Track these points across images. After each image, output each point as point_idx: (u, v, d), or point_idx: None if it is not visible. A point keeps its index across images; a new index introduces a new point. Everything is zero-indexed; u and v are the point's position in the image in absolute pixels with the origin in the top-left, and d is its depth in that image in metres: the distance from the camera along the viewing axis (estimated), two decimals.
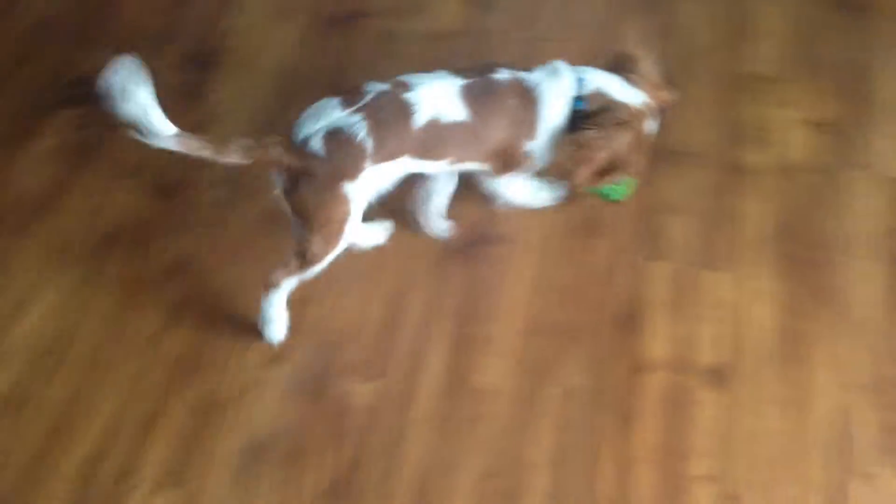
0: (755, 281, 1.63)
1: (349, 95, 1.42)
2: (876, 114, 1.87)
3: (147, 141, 1.32)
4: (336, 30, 2.07)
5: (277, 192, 1.44)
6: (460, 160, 1.52)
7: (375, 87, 1.43)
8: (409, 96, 1.43)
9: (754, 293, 1.62)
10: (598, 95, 1.48)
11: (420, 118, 1.43)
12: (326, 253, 1.47)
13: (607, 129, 1.45)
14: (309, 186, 1.40)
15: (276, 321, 1.55)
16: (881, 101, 1.89)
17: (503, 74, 1.49)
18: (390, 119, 1.42)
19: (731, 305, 1.60)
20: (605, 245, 1.69)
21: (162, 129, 1.31)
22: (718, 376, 1.52)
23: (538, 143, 1.51)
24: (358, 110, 1.40)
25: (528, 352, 1.56)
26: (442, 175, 1.60)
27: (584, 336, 1.58)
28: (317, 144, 1.39)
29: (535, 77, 1.50)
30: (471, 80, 1.47)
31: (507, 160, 1.53)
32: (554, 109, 1.48)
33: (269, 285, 1.51)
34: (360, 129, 1.39)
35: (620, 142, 1.46)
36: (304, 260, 1.48)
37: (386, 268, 1.67)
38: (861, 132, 1.84)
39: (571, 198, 1.67)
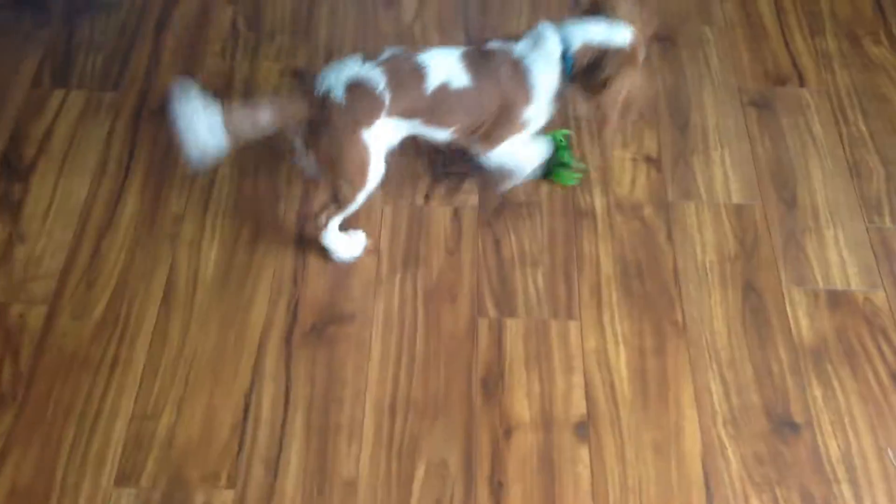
0: (606, 326, 1.64)
1: (368, 55, 1.54)
2: (698, 143, 1.93)
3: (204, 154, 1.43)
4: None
5: (298, 146, 1.57)
6: (463, 129, 1.63)
7: (392, 50, 1.56)
8: (421, 59, 1.55)
9: (607, 338, 1.63)
10: (586, 48, 1.56)
11: (432, 81, 1.54)
12: (356, 193, 1.59)
13: (612, 77, 1.54)
14: (330, 135, 1.52)
15: (340, 246, 1.69)
16: (700, 128, 1.95)
17: (494, 45, 1.60)
18: (406, 76, 1.53)
19: (587, 353, 1.61)
20: (458, 309, 1.66)
21: (212, 140, 1.43)
22: (586, 428, 1.51)
23: (534, 109, 1.62)
24: (378, 64, 1.52)
25: (392, 432, 1.51)
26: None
27: (447, 406, 1.54)
28: (338, 94, 1.50)
29: (521, 47, 1.59)
30: (467, 49, 1.59)
31: (506, 128, 1.63)
32: (544, 76, 1.58)
33: (318, 227, 1.66)
34: (380, 81, 1.51)
35: (627, 82, 1.56)
36: (339, 203, 1.61)
37: (227, 367, 1.57)
38: (686, 163, 1.90)
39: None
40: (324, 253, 1.70)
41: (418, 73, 1.54)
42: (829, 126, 1.96)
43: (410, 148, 1.86)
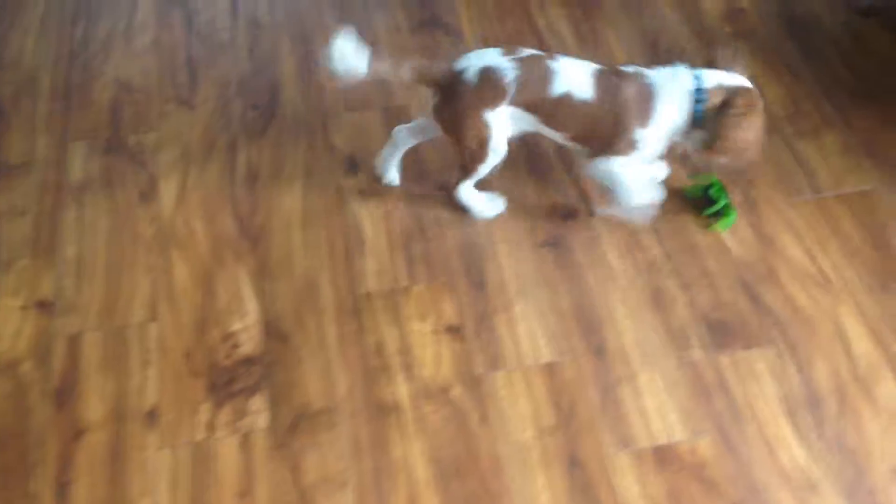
0: None
1: (509, 49, 1.74)
2: (498, 299, 1.83)
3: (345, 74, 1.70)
4: None
5: (430, 110, 1.79)
6: (577, 138, 1.78)
7: (529, 51, 1.75)
8: (554, 65, 1.73)
9: None
10: (720, 89, 1.71)
11: (557, 87, 1.72)
12: (476, 165, 1.81)
13: (746, 111, 1.68)
14: (455, 108, 1.74)
15: (476, 205, 1.93)
16: (498, 283, 1.85)
17: (629, 68, 1.75)
18: (534, 75, 1.71)
19: None
20: None
21: (360, 66, 1.70)
22: None
23: (648, 133, 1.73)
24: (513, 60, 1.71)
25: None
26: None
27: None
28: (471, 75, 1.71)
29: (655, 74, 1.74)
30: (602, 67, 1.75)
31: (615, 145, 1.75)
32: (669, 104, 1.72)
33: (450, 188, 1.91)
34: (510, 73, 1.70)
35: (755, 121, 1.71)
36: (464, 169, 1.84)
37: None
38: (490, 325, 1.79)
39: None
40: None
41: (546, 76, 1.71)
42: (625, 255, 1.90)
43: (182, 372, 1.66)
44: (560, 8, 2.45)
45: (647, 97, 1.72)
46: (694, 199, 1.97)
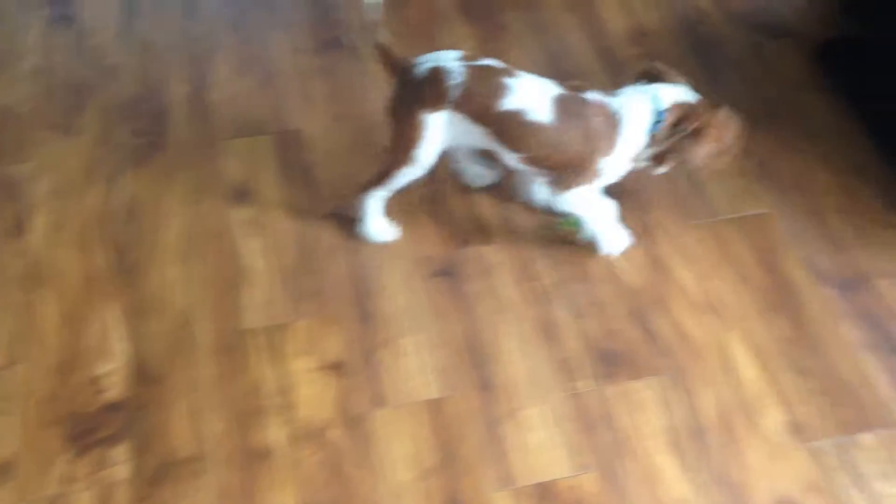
0: None
1: (469, 54, 1.70)
2: (385, 333, 1.77)
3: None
4: None
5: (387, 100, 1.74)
6: (532, 160, 1.73)
7: (490, 60, 1.70)
8: (510, 80, 1.67)
9: None
10: (675, 106, 1.72)
11: (508, 102, 1.66)
12: (396, 167, 1.75)
13: (701, 128, 1.71)
14: (399, 98, 1.71)
15: (371, 222, 1.86)
16: (386, 315, 1.80)
17: (593, 95, 1.72)
18: (483, 85, 1.66)
19: None
20: None
21: None
22: None
23: (613, 160, 1.73)
24: (466, 66, 1.66)
25: None
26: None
27: None
28: (420, 71, 1.68)
29: (617, 101, 1.72)
30: (566, 92, 1.70)
31: (580, 173, 1.72)
32: (633, 131, 1.71)
33: (363, 189, 1.83)
34: (457, 77, 1.65)
35: (720, 127, 1.73)
36: (381, 174, 1.79)
37: None
38: (375, 361, 1.74)
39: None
40: None
41: (497, 89, 1.66)
42: (518, 284, 1.86)
43: (42, 421, 1.59)
44: (465, 28, 2.42)
45: (612, 125, 1.71)
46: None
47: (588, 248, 1.90)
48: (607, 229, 1.86)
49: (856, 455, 1.62)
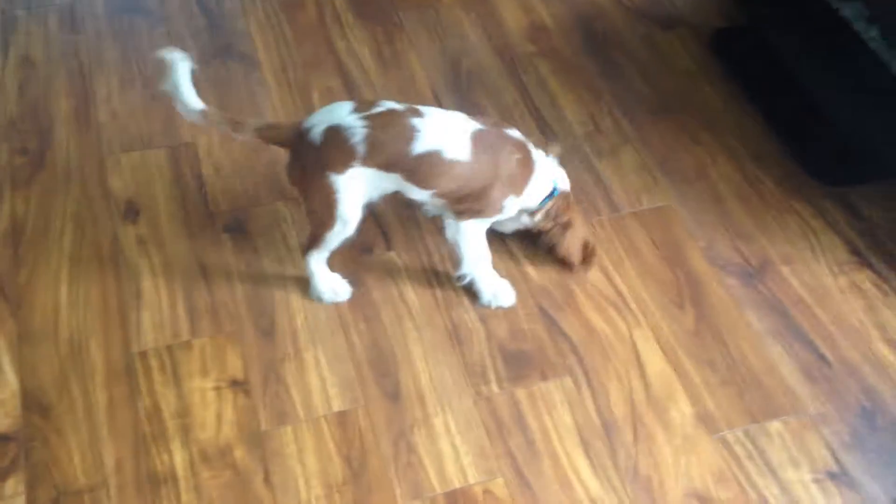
0: None
1: (362, 104, 1.60)
2: (288, 347, 1.72)
3: (181, 111, 1.61)
4: None
5: (285, 167, 1.66)
6: (443, 195, 1.65)
7: (389, 104, 1.60)
8: (416, 122, 1.58)
9: None
10: (564, 195, 1.77)
11: (421, 145, 1.58)
12: (324, 231, 1.66)
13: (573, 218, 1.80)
14: (302, 169, 1.61)
15: (320, 283, 1.76)
16: (288, 329, 1.74)
17: (516, 133, 1.68)
18: (390, 134, 1.57)
19: None
20: None
21: (193, 106, 1.60)
22: None
23: (518, 202, 1.70)
24: (363, 118, 1.56)
25: None
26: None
27: None
28: (316, 135, 1.56)
29: (539, 154, 1.72)
30: (485, 128, 1.64)
31: (480, 204, 1.66)
32: (541, 185, 1.72)
33: (303, 251, 1.75)
34: (359, 132, 1.55)
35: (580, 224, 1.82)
36: (312, 238, 1.69)
37: None
38: (277, 376, 1.68)
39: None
40: None
41: (406, 134, 1.57)
42: (423, 290, 1.83)
43: None
44: (360, 30, 2.37)
45: (527, 167, 1.68)
46: None
47: (497, 249, 1.86)
48: (489, 278, 1.79)
49: (765, 443, 1.63)
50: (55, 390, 1.63)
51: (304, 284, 1.81)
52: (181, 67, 1.57)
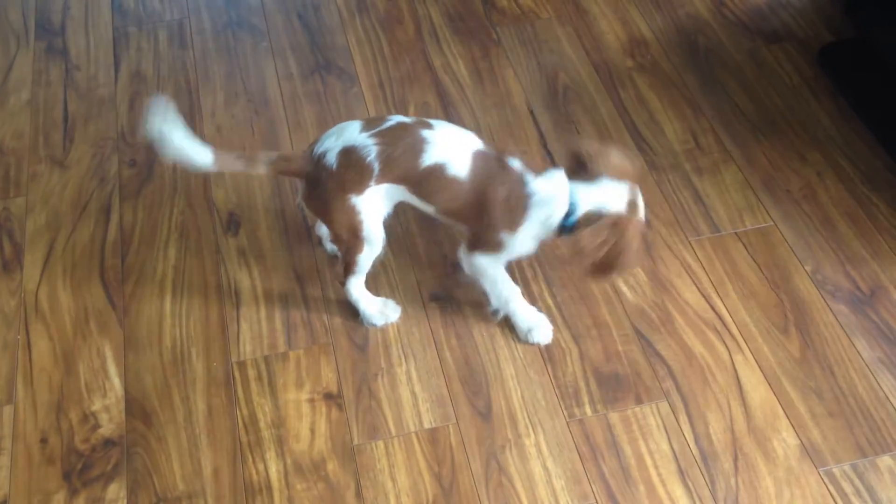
0: None
1: (370, 121, 1.59)
2: (380, 361, 1.72)
3: (188, 168, 1.58)
4: None
5: (300, 199, 1.68)
6: (445, 213, 1.65)
7: (397, 118, 1.59)
8: (426, 134, 1.57)
9: None
10: (589, 216, 1.57)
11: (429, 158, 1.56)
12: (354, 255, 1.65)
13: (599, 230, 1.55)
14: (321, 195, 1.59)
15: (367, 307, 1.75)
16: (381, 343, 1.75)
17: (515, 164, 1.60)
18: (401, 148, 1.55)
19: None
20: None
21: (202, 159, 1.56)
22: None
23: (514, 238, 1.62)
24: (374, 135, 1.55)
25: None
26: None
27: None
28: (331, 159, 1.55)
29: (537, 184, 1.59)
30: (488, 151, 1.60)
31: (479, 237, 1.64)
32: (538, 222, 1.59)
33: (340, 282, 1.75)
34: (372, 150, 1.54)
35: (612, 241, 1.56)
36: (345, 265, 1.69)
37: None
38: (370, 390, 1.69)
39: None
40: None
41: (416, 147, 1.56)
42: None
43: (36, 459, 1.55)
44: (457, 46, 2.38)
45: (519, 202, 1.59)
46: None
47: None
48: (523, 314, 1.74)
49: (873, 480, 1.55)
50: (157, 397, 1.68)
51: (399, 294, 1.82)
52: (173, 126, 1.52)
